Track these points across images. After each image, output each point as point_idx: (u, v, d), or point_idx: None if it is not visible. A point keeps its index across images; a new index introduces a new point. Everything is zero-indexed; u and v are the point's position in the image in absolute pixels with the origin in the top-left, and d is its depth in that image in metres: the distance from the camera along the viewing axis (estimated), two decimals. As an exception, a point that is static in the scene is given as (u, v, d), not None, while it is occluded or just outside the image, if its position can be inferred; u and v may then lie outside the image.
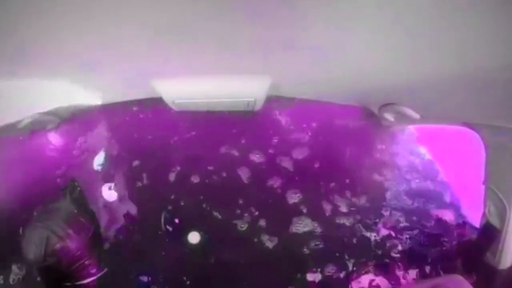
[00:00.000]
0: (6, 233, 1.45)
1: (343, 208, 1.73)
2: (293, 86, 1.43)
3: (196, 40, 0.86)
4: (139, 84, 1.30)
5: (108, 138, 1.83)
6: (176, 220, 1.70)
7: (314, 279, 1.62)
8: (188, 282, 1.63)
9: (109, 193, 1.73)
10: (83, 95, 1.42)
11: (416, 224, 1.69)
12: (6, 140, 1.50)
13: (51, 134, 1.79)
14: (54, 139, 1.81)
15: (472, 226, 1.56)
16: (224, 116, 1.79)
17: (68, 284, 1.16)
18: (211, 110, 1.72)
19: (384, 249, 1.66)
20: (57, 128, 1.75)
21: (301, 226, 1.70)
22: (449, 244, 1.64)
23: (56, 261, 1.12)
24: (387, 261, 1.64)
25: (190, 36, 0.84)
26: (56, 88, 1.22)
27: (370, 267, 1.62)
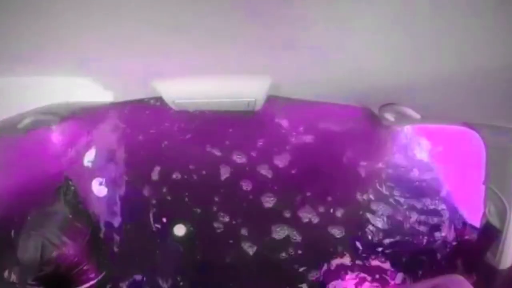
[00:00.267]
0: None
1: (344, 206, 1.73)
2: (293, 86, 1.43)
3: (196, 40, 0.86)
4: (139, 83, 1.30)
5: (108, 137, 1.83)
6: (164, 219, 1.70)
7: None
8: (181, 283, 1.62)
9: (99, 188, 1.73)
10: (83, 94, 1.42)
11: (416, 224, 1.69)
12: (6, 140, 1.50)
13: (50, 133, 1.79)
14: (53, 137, 1.81)
15: (472, 226, 1.56)
16: (223, 117, 1.79)
17: None
18: (210, 110, 1.72)
19: (378, 250, 1.66)
20: (56, 127, 1.75)
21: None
22: (449, 244, 1.64)
23: (53, 269, 1.10)
24: (378, 264, 1.64)
25: (190, 36, 0.84)
26: (56, 87, 1.22)
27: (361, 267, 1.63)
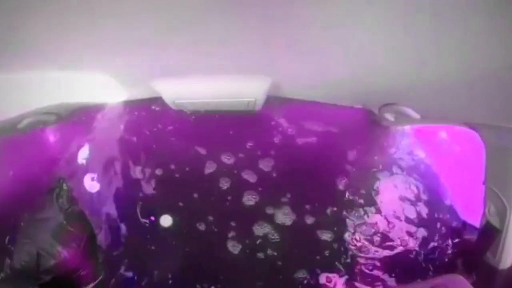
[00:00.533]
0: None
1: (344, 205, 1.73)
2: (293, 86, 1.43)
3: (196, 40, 0.86)
4: (139, 84, 1.30)
5: (107, 137, 1.83)
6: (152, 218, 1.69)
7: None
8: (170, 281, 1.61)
9: (91, 183, 1.73)
10: (82, 94, 1.42)
11: (416, 224, 1.69)
12: (6, 140, 1.50)
13: (49, 133, 1.79)
14: (52, 138, 1.81)
15: (472, 226, 1.56)
16: (223, 116, 1.79)
17: None
18: (210, 110, 1.72)
19: (378, 250, 1.66)
20: (56, 127, 1.75)
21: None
22: (449, 244, 1.64)
23: (52, 277, 1.09)
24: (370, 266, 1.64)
25: (190, 36, 0.84)
26: (56, 86, 1.22)
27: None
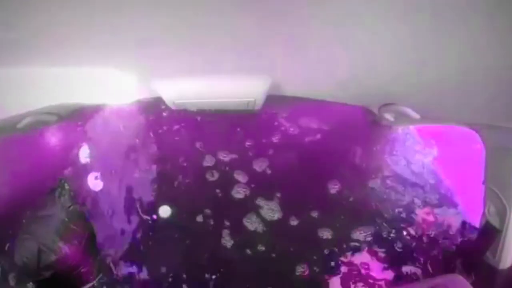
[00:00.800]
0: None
1: (343, 205, 1.73)
2: (292, 86, 1.42)
3: (196, 40, 0.86)
4: (139, 84, 1.30)
5: (107, 137, 1.83)
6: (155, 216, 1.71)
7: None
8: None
9: (95, 182, 1.74)
10: (82, 94, 1.42)
11: (415, 224, 1.69)
12: (6, 140, 1.50)
13: (49, 133, 1.79)
14: (52, 138, 1.81)
15: (472, 226, 1.56)
16: (223, 116, 1.79)
17: None
18: (210, 110, 1.72)
19: (378, 250, 1.66)
20: (56, 127, 1.75)
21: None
22: (449, 244, 1.64)
23: (52, 273, 1.09)
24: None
25: (190, 36, 0.84)
26: (55, 85, 1.21)
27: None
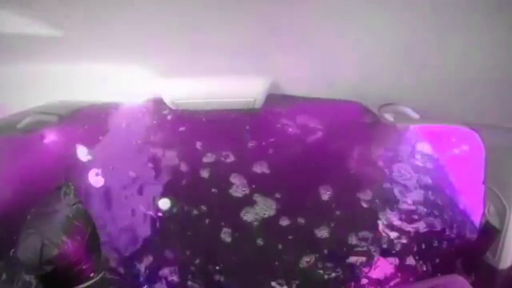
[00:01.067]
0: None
1: (343, 204, 1.73)
2: (292, 86, 1.42)
3: (196, 40, 0.86)
4: (139, 84, 1.30)
5: (107, 136, 1.83)
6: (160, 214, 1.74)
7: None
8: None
9: (96, 179, 1.76)
10: (82, 94, 1.41)
11: (415, 224, 1.69)
12: (6, 140, 1.50)
13: (49, 133, 1.79)
14: (53, 137, 1.81)
15: (472, 226, 1.56)
16: (223, 115, 1.79)
17: None
18: (210, 110, 1.72)
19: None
20: (55, 127, 1.75)
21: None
22: (449, 244, 1.63)
23: (53, 268, 1.10)
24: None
25: (190, 36, 0.84)
26: (55, 83, 1.21)
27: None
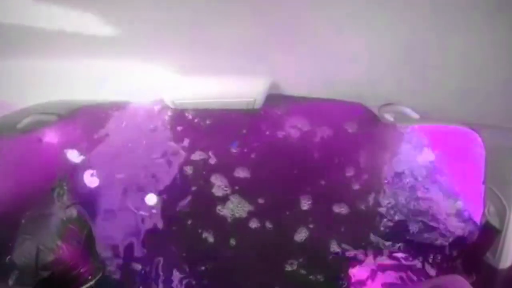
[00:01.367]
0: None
1: (344, 204, 1.74)
2: (292, 86, 1.43)
3: (196, 40, 0.86)
4: (139, 83, 1.30)
5: (106, 136, 1.83)
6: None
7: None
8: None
9: (90, 179, 1.76)
10: (82, 92, 1.41)
11: (415, 224, 1.70)
12: (5, 140, 1.49)
13: (49, 133, 1.78)
14: (52, 137, 1.80)
15: (472, 226, 1.56)
16: (224, 114, 1.80)
17: None
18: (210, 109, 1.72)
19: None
20: (55, 126, 1.74)
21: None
22: (448, 244, 1.64)
23: (50, 274, 1.09)
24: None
25: (190, 37, 0.84)
26: (55, 81, 1.21)
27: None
